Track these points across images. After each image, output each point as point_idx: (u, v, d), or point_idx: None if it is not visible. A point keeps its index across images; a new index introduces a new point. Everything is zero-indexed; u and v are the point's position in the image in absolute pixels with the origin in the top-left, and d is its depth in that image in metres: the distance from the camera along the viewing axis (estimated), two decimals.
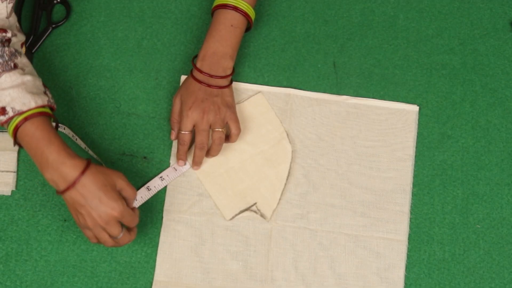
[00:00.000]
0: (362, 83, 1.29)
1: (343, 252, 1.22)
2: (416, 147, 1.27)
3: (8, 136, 1.25)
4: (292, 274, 1.21)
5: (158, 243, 1.22)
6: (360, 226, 1.23)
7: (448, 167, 1.26)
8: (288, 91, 1.28)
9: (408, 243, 1.23)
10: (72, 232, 1.22)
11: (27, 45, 1.27)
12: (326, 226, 1.23)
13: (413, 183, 1.25)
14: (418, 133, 1.27)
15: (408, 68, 1.30)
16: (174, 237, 1.22)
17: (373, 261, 1.22)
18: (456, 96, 1.29)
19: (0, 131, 1.26)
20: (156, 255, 1.22)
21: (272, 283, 1.21)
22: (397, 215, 1.24)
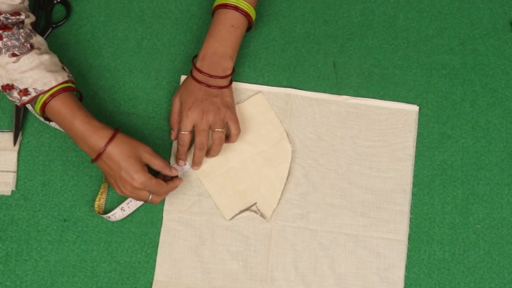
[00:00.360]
0: (362, 83, 1.29)
1: (343, 252, 1.22)
2: (416, 147, 1.27)
3: (8, 136, 1.25)
4: (292, 274, 1.21)
5: (158, 243, 1.22)
6: (360, 226, 1.23)
7: (448, 167, 1.26)
8: (288, 91, 1.28)
9: (408, 243, 1.23)
10: (72, 232, 1.22)
11: None
12: (326, 226, 1.23)
13: (413, 183, 1.25)
14: (418, 133, 1.27)
15: (408, 68, 1.30)
16: (174, 237, 1.22)
17: (373, 261, 1.22)
18: (456, 96, 1.29)
19: (0, 131, 1.26)
20: (156, 255, 1.22)
21: (272, 283, 1.21)
22: (397, 215, 1.24)
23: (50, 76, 1.11)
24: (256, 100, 1.27)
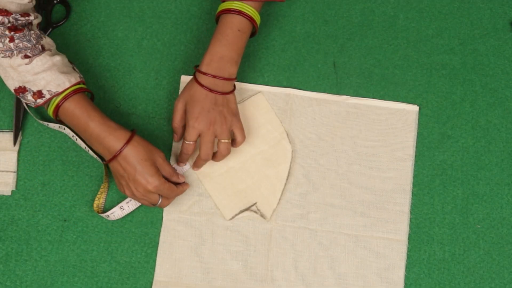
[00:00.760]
0: (362, 83, 1.29)
1: (343, 252, 1.22)
2: (416, 147, 1.27)
3: (8, 136, 1.25)
4: (292, 274, 1.21)
5: (158, 243, 1.22)
6: (360, 226, 1.23)
7: (448, 167, 1.26)
8: (288, 91, 1.28)
9: (408, 243, 1.23)
10: (72, 232, 1.22)
11: None
12: (326, 226, 1.23)
13: (413, 183, 1.25)
14: (418, 133, 1.27)
15: (408, 68, 1.30)
16: (174, 237, 1.22)
17: (373, 261, 1.22)
18: (456, 96, 1.29)
19: (0, 131, 1.26)
20: (156, 255, 1.22)
21: (272, 283, 1.21)
22: (397, 215, 1.24)
23: (64, 78, 1.12)
24: (256, 100, 1.27)
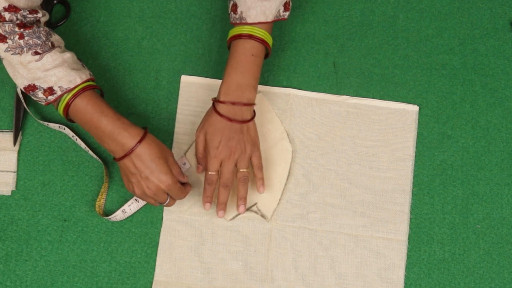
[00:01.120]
0: (362, 83, 1.29)
1: (343, 252, 1.22)
2: (416, 147, 1.27)
3: (8, 136, 1.25)
4: (292, 274, 1.21)
5: (158, 243, 1.22)
6: (360, 226, 1.23)
7: (448, 167, 1.26)
8: (288, 91, 1.28)
9: (408, 243, 1.23)
10: (72, 232, 1.22)
11: None
12: (326, 226, 1.23)
13: (413, 183, 1.25)
14: (418, 133, 1.27)
15: (408, 68, 1.30)
16: (174, 237, 1.22)
17: (373, 261, 1.22)
18: (456, 96, 1.29)
19: (0, 131, 1.26)
20: (156, 255, 1.22)
21: (272, 283, 1.21)
22: (397, 215, 1.24)
23: (75, 74, 1.11)
24: (256, 100, 1.27)
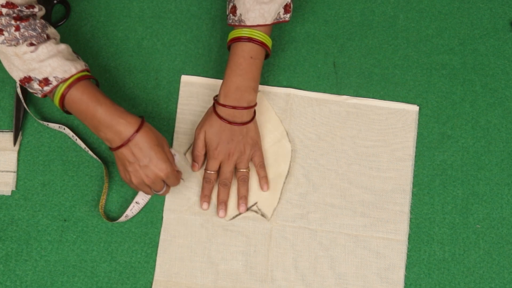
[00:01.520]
0: (362, 83, 1.29)
1: (343, 252, 1.22)
2: (416, 147, 1.27)
3: (8, 136, 1.25)
4: (292, 274, 1.21)
5: (158, 243, 1.22)
6: (360, 226, 1.23)
7: (448, 167, 1.26)
8: (288, 91, 1.28)
9: (408, 243, 1.23)
10: (72, 232, 1.22)
11: None
12: (326, 226, 1.23)
13: (413, 183, 1.25)
14: (418, 133, 1.27)
15: (408, 68, 1.30)
16: (174, 237, 1.22)
17: (373, 261, 1.22)
18: (456, 96, 1.29)
19: (0, 131, 1.26)
20: (156, 255, 1.22)
21: (272, 283, 1.21)
22: (397, 215, 1.24)
23: (70, 64, 1.11)
24: (257, 100, 1.27)
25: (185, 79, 1.29)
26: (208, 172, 1.21)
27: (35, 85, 1.11)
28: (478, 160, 1.27)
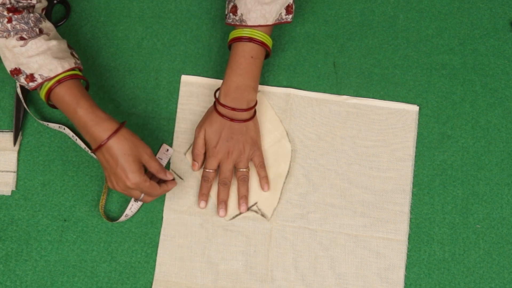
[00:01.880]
0: (362, 83, 1.29)
1: (343, 252, 1.22)
2: (416, 147, 1.27)
3: (8, 136, 1.25)
4: (292, 274, 1.21)
5: (158, 243, 1.22)
6: (360, 226, 1.23)
7: (448, 167, 1.26)
8: (288, 91, 1.28)
9: (408, 243, 1.23)
10: (72, 232, 1.22)
11: None
12: (326, 226, 1.23)
13: (413, 183, 1.25)
14: (418, 133, 1.27)
15: (408, 68, 1.30)
16: (174, 237, 1.22)
17: (373, 261, 1.22)
18: (456, 96, 1.29)
19: (0, 131, 1.26)
20: (156, 255, 1.22)
21: (272, 283, 1.21)
22: (397, 215, 1.24)
23: (56, 63, 1.11)
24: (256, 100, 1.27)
25: (185, 79, 1.29)
26: (206, 170, 1.21)
27: (22, 79, 1.12)
28: (478, 160, 1.27)
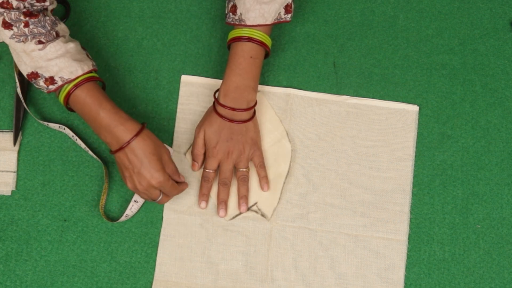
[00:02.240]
0: (362, 83, 1.29)
1: (343, 252, 1.22)
2: (416, 147, 1.27)
3: (8, 136, 1.25)
4: (292, 274, 1.21)
5: (158, 243, 1.22)
6: (360, 226, 1.23)
7: (448, 167, 1.26)
8: (288, 91, 1.28)
9: (408, 243, 1.23)
10: (72, 232, 1.22)
11: None
12: (326, 226, 1.23)
13: (413, 183, 1.25)
14: (418, 133, 1.27)
15: (408, 68, 1.30)
16: (174, 237, 1.22)
17: (373, 261, 1.22)
18: (456, 96, 1.29)
19: (0, 131, 1.26)
20: (156, 255, 1.22)
21: (272, 283, 1.21)
22: (397, 215, 1.24)
23: (77, 65, 1.11)
24: (256, 100, 1.27)
25: (185, 79, 1.29)
26: (206, 170, 1.21)
27: (41, 82, 1.12)
28: (478, 160, 1.27)
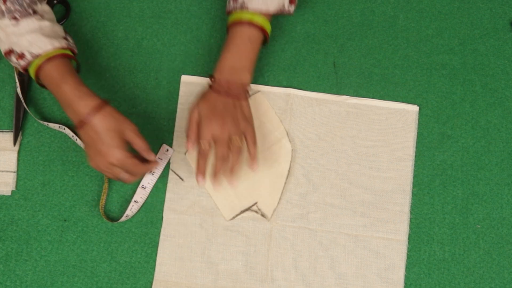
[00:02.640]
0: (362, 83, 1.29)
1: (343, 252, 1.22)
2: (416, 147, 1.27)
3: (8, 136, 1.25)
4: (292, 274, 1.21)
5: (158, 243, 1.22)
6: (360, 226, 1.23)
7: (448, 167, 1.26)
8: (288, 91, 1.28)
9: (408, 243, 1.23)
10: (72, 232, 1.22)
11: None
12: (326, 226, 1.23)
13: (413, 183, 1.25)
14: (418, 133, 1.27)
15: (408, 68, 1.30)
16: (174, 237, 1.22)
17: (373, 261, 1.22)
18: (456, 96, 1.29)
19: (0, 131, 1.26)
20: (156, 255, 1.22)
21: (272, 283, 1.21)
22: (397, 215, 1.24)
23: (46, 41, 1.11)
24: (256, 100, 1.27)
25: (185, 79, 1.29)
26: (202, 142, 1.15)
27: (13, 57, 1.12)
28: (478, 160, 1.27)
